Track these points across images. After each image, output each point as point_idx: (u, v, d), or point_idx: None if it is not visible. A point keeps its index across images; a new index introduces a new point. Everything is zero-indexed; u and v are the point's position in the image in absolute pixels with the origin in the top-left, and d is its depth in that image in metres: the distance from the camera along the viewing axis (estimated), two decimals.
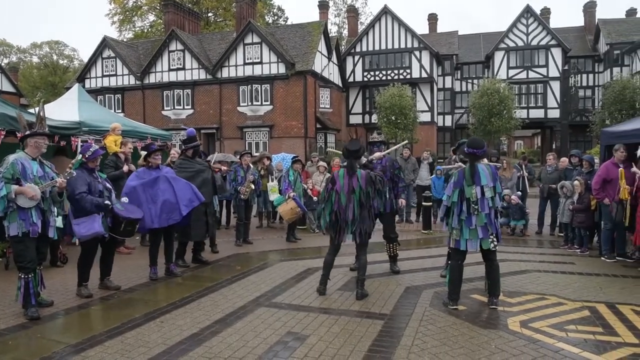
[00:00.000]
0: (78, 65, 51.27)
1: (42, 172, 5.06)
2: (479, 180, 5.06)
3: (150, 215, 6.23)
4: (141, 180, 6.33)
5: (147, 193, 6.28)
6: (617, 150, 7.31)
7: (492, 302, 5.22)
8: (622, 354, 3.99)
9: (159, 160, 6.60)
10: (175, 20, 30.60)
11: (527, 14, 32.83)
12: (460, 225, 5.16)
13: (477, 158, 5.15)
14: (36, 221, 4.90)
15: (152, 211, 6.25)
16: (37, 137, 5.09)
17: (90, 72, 30.87)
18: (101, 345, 4.22)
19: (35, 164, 5.05)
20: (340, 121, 31.82)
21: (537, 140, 48.56)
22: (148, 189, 6.30)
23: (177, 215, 6.42)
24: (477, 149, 5.11)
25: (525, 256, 7.97)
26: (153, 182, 6.36)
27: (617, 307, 5.21)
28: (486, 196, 5.05)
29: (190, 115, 28.52)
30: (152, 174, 6.43)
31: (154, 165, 6.52)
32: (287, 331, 4.56)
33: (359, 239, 5.64)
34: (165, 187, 6.40)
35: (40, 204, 4.94)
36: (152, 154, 6.54)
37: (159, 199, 6.31)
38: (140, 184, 6.28)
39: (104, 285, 6.01)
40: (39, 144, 5.09)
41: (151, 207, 6.25)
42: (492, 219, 5.11)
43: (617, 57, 31.58)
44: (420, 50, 31.05)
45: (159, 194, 6.33)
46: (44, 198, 4.98)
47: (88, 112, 9.62)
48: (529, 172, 10.78)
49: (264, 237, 10.10)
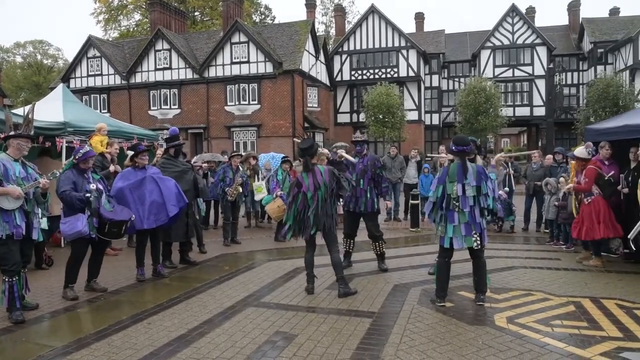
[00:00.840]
0: (63, 64, 50.71)
1: (24, 173, 5.00)
2: (461, 178, 5.10)
3: (139, 216, 6.19)
4: (128, 182, 6.27)
5: (135, 194, 6.24)
6: (603, 148, 7.38)
7: (478, 299, 5.26)
8: (606, 348, 4.05)
9: (145, 160, 6.55)
10: (161, 19, 30.36)
11: (512, 13, 33.11)
12: (445, 223, 5.21)
13: (466, 155, 5.19)
14: (20, 223, 4.84)
15: (140, 212, 6.21)
16: (20, 139, 5.03)
17: (75, 72, 30.50)
18: (87, 348, 4.18)
19: (17, 165, 4.99)
20: (329, 120, 31.83)
21: (523, 138, 48.99)
22: (135, 190, 6.26)
23: (164, 216, 6.38)
24: (465, 146, 5.15)
25: (511, 253, 8.05)
26: (140, 183, 6.31)
27: (601, 301, 5.28)
28: (467, 194, 5.08)
29: (177, 115, 28.32)
30: (138, 175, 6.38)
31: (141, 165, 6.47)
32: (275, 331, 4.55)
33: (323, 234, 5.68)
34: (152, 187, 6.36)
35: (24, 205, 4.88)
36: (139, 154, 6.48)
37: (146, 200, 6.27)
38: (127, 186, 6.22)
39: (90, 287, 5.95)
40: (21, 146, 5.02)
41: (139, 208, 6.21)
42: (476, 217, 5.13)
43: (600, 55, 32.00)
44: (408, 49, 31.17)
45: (146, 195, 6.29)
46: (27, 200, 4.92)
47: (73, 112, 9.50)
48: (515, 170, 10.89)
49: (252, 237, 10.07)
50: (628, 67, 28.92)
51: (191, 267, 7.37)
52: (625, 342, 4.18)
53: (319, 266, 6.34)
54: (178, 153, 7.47)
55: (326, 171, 5.66)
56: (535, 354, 3.93)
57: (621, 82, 25.35)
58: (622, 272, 6.66)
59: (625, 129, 7.16)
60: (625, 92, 24.51)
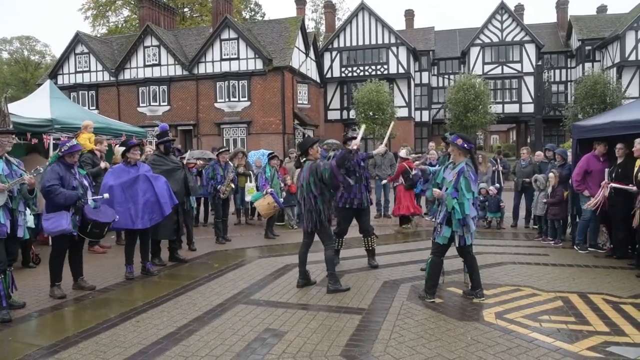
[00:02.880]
0: (50, 61, 50.10)
1: (8, 170, 4.91)
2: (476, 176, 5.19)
3: (131, 215, 6.13)
4: (120, 180, 6.18)
5: (127, 193, 6.16)
6: (600, 145, 7.49)
7: (468, 293, 5.34)
8: (594, 342, 4.09)
9: (137, 156, 6.47)
10: (150, 15, 30.09)
11: (501, 11, 33.26)
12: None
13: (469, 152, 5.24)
14: (4, 221, 4.77)
15: (132, 211, 6.15)
16: (1, 135, 4.94)
17: (63, 69, 30.13)
18: (75, 347, 4.15)
19: (0, 162, 4.91)
20: (319, 117, 31.79)
21: (513, 135, 49.31)
22: (127, 189, 6.18)
23: (158, 215, 6.37)
24: (473, 144, 5.29)
25: (500, 249, 8.10)
26: (133, 182, 6.23)
27: (588, 296, 5.34)
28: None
29: (166, 112, 28.12)
30: (130, 172, 6.30)
31: (133, 160, 6.40)
32: (265, 328, 4.54)
33: (309, 228, 5.77)
34: (146, 186, 6.30)
35: (8, 203, 4.81)
36: (130, 149, 6.40)
37: (139, 199, 6.20)
38: (118, 184, 6.14)
39: (78, 286, 5.89)
40: (3, 142, 4.93)
41: (131, 207, 6.14)
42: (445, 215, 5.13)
43: (588, 52, 32.24)
44: (398, 46, 31.21)
45: (139, 194, 6.22)
46: (12, 197, 4.85)
47: (60, 109, 9.39)
48: (504, 166, 10.96)
49: (242, 234, 10.04)
50: (615, 65, 29.20)
51: (180, 264, 7.33)
52: (612, 336, 4.23)
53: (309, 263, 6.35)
54: (168, 149, 7.40)
55: (307, 167, 5.72)
56: (523, 349, 3.96)
57: (608, 79, 25.59)
58: (609, 267, 6.73)
59: (612, 126, 7.24)
60: (613, 89, 24.74)
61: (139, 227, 6.22)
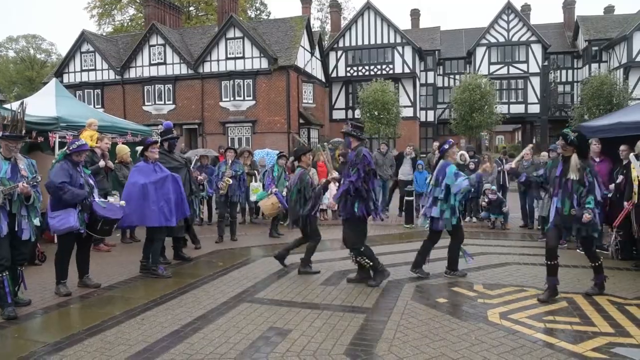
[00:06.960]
0: (56, 59, 50.24)
1: (10, 174, 4.88)
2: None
3: (164, 213, 6.27)
4: (150, 178, 6.26)
5: (159, 192, 6.28)
6: (591, 144, 7.39)
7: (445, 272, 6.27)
8: (598, 343, 4.08)
9: (156, 154, 6.51)
10: (155, 14, 30.17)
11: (507, 10, 33.16)
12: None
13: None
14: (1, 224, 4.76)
15: (166, 210, 6.29)
16: (8, 140, 4.93)
17: (69, 67, 30.28)
18: (80, 344, 4.17)
19: (6, 164, 4.90)
20: (324, 116, 31.80)
21: (518, 135, 49.13)
22: (160, 188, 6.31)
23: (181, 214, 6.66)
24: None
25: (505, 249, 8.08)
26: (163, 182, 6.36)
27: (593, 297, 5.31)
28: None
29: (171, 111, 28.19)
30: (156, 172, 6.38)
31: (152, 158, 6.44)
32: (269, 326, 4.55)
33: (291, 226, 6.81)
34: (175, 187, 6.49)
35: (6, 206, 4.80)
36: (149, 147, 6.43)
37: (171, 198, 6.37)
38: (151, 182, 6.23)
39: (83, 283, 5.92)
40: (10, 146, 4.93)
41: (164, 206, 6.27)
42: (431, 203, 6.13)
43: (595, 53, 32.07)
44: (403, 45, 31.14)
45: (171, 193, 6.38)
46: (12, 200, 4.84)
47: (66, 107, 9.44)
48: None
49: (246, 233, 10.06)
50: (622, 65, 29.02)
51: (185, 263, 7.35)
52: (616, 337, 4.22)
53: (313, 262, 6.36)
54: (172, 147, 7.42)
55: (297, 174, 6.50)
56: (527, 349, 3.95)
57: (615, 80, 25.45)
58: (614, 268, 6.70)
59: (618, 127, 7.21)
60: (619, 90, 24.62)
61: (174, 224, 6.45)
